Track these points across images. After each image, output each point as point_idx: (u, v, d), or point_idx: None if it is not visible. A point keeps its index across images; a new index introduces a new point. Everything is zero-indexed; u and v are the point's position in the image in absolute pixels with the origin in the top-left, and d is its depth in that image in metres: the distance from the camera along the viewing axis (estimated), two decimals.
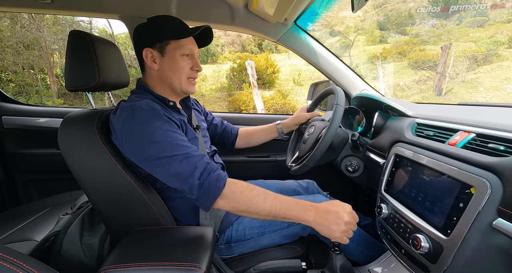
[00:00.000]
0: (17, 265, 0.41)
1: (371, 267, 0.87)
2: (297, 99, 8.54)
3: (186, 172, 0.65)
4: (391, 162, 0.78)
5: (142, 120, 0.68)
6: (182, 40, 0.78)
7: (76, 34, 0.75)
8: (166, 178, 0.67)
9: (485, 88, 8.36)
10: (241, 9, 1.17)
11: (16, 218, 1.02)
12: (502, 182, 0.48)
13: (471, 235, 0.50)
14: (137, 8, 1.13)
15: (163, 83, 0.81)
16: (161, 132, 0.67)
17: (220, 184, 0.66)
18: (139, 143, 0.67)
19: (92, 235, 0.85)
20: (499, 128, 0.57)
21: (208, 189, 0.65)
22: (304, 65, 10.75)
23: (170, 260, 0.58)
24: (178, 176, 0.65)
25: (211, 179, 0.65)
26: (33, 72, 7.43)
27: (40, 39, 6.99)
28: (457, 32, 11.60)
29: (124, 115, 0.69)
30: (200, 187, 0.65)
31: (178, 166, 0.65)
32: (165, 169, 0.66)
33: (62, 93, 7.90)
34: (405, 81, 9.41)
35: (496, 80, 8.44)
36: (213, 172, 0.67)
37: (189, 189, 0.65)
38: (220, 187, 0.65)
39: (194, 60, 0.83)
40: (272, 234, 0.87)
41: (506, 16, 11.79)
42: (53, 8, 1.10)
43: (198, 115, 1.01)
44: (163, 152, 0.66)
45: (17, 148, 1.42)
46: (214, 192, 0.65)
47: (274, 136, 1.19)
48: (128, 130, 0.68)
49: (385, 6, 14.33)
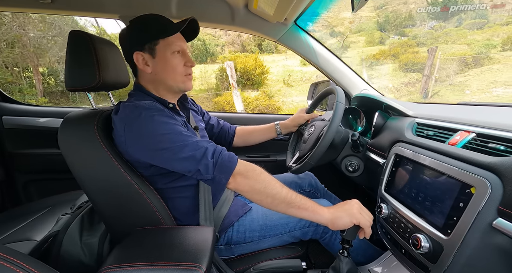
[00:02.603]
0: (17, 264, 0.41)
1: (371, 267, 0.87)
2: (284, 100, 8.62)
3: (199, 153, 0.66)
4: (391, 162, 0.78)
5: (146, 116, 0.68)
6: (170, 38, 0.76)
7: (76, 34, 0.75)
8: (178, 163, 0.67)
9: (471, 91, 8.42)
10: (241, 9, 1.17)
11: (16, 218, 1.02)
12: (502, 182, 0.48)
13: (471, 235, 0.50)
14: (137, 8, 1.13)
15: (159, 84, 0.80)
16: (167, 125, 0.68)
17: (233, 160, 0.68)
18: (146, 138, 0.67)
19: (92, 235, 0.85)
20: (499, 128, 0.57)
21: (223, 166, 0.66)
22: (298, 66, 10.82)
23: (170, 260, 0.58)
24: (191, 158, 0.66)
25: (223, 157, 0.67)
26: (17, 70, 7.35)
27: (21, 37, 6.86)
28: (455, 34, 11.62)
29: (127, 113, 0.69)
30: (215, 165, 0.66)
31: (190, 149, 0.66)
32: (177, 154, 0.66)
33: (48, 91, 7.87)
34: (394, 83, 9.46)
35: (484, 83, 8.49)
36: (224, 151, 0.69)
37: (205, 169, 0.66)
38: (234, 163, 0.67)
39: (186, 56, 0.81)
40: (273, 238, 0.87)
41: (505, 18, 11.78)
42: (53, 8, 1.11)
43: (196, 115, 1.01)
44: (171, 142, 0.67)
45: (17, 148, 1.42)
46: (229, 167, 0.67)
47: (272, 136, 1.19)
48: (133, 128, 0.68)
49: (386, 7, 14.34)
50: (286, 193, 0.68)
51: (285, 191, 0.68)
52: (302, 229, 0.87)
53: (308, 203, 0.69)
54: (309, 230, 0.87)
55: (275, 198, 0.67)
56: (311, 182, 1.17)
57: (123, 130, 0.69)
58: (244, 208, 0.90)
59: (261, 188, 0.67)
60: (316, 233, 0.88)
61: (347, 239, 0.72)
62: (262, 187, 0.67)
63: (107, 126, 0.75)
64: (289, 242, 0.89)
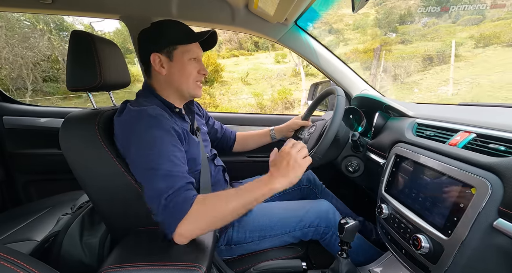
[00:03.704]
0: (18, 265, 0.41)
1: (371, 268, 0.87)
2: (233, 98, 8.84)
3: (162, 189, 0.62)
4: (392, 162, 0.78)
5: (144, 126, 0.67)
6: (189, 45, 0.79)
7: (77, 34, 0.75)
8: (147, 191, 0.64)
9: (419, 90, 8.50)
10: (241, 9, 1.17)
11: (16, 218, 1.02)
12: (503, 182, 0.48)
13: (472, 235, 0.50)
14: (137, 8, 1.13)
15: (171, 87, 0.81)
16: (159, 141, 0.66)
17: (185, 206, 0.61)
18: (134, 148, 0.66)
19: (92, 235, 0.85)
20: (499, 128, 0.57)
21: (174, 210, 0.60)
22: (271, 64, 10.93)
23: (170, 260, 0.58)
24: (156, 191, 0.62)
25: (178, 199, 0.61)
26: None
27: None
28: (444, 30, 11.49)
29: (127, 118, 0.70)
30: (165, 207, 0.61)
31: (159, 181, 0.62)
32: (149, 182, 0.63)
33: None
34: None
35: (436, 82, 8.53)
36: (181, 192, 0.63)
37: (156, 209, 0.62)
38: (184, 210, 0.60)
39: (200, 64, 0.83)
40: (273, 238, 0.87)
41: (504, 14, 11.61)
42: (54, 8, 1.11)
43: (199, 119, 1.01)
44: (151, 162, 0.64)
45: (18, 148, 1.42)
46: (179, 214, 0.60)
47: (267, 141, 1.21)
48: (128, 133, 0.68)
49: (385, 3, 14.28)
50: (232, 208, 0.62)
51: (231, 207, 0.62)
52: (302, 229, 0.87)
53: (255, 192, 0.63)
54: (309, 231, 0.87)
55: (226, 219, 0.63)
56: (310, 178, 1.18)
57: (121, 134, 0.70)
58: None
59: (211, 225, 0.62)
60: (316, 233, 0.88)
61: (346, 240, 0.72)
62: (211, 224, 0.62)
63: (108, 126, 0.75)
64: (289, 243, 0.89)
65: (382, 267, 0.86)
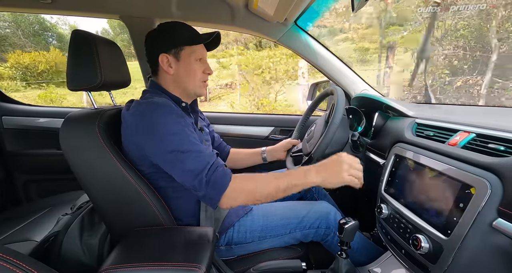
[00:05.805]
0: (17, 265, 0.41)
1: (371, 267, 0.87)
2: None
3: (199, 167, 0.67)
4: (391, 162, 0.78)
5: (159, 113, 0.70)
6: (195, 46, 0.83)
7: (78, 33, 0.75)
8: (179, 174, 0.69)
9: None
10: (241, 9, 1.17)
11: (16, 218, 1.02)
12: (502, 182, 0.48)
13: (471, 235, 0.50)
14: (137, 8, 1.13)
15: (178, 85, 0.84)
16: (177, 126, 0.70)
17: (225, 179, 0.68)
18: (156, 135, 0.69)
19: (92, 235, 0.85)
20: (499, 129, 0.57)
21: (215, 183, 0.67)
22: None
23: (170, 260, 0.58)
24: (189, 173, 0.67)
25: (217, 174, 0.68)
26: None
27: None
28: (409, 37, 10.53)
29: (141, 109, 0.71)
30: (208, 182, 0.67)
31: (192, 160, 0.67)
32: (178, 165, 0.68)
33: None
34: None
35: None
36: (220, 167, 0.70)
37: (199, 185, 0.67)
38: (226, 182, 0.68)
39: (206, 64, 0.87)
40: (274, 238, 0.87)
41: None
42: (54, 8, 1.11)
43: (202, 121, 1.03)
44: (177, 146, 0.68)
45: (17, 148, 1.42)
46: (221, 186, 0.67)
47: (258, 161, 1.17)
48: (146, 123, 0.70)
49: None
50: (274, 187, 0.69)
51: (273, 186, 0.69)
52: (303, 230, 0.87)
53: (296, 180, 0.70)
54: (309, 232, 0.87)
55: (268, 198, 0.70)
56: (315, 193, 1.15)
57: (135, 125, 0.71)
58: (244, 209, 0.90)
59: (253, 199, 0.70)
60: (317, 235, 0.88)
61: (345, 240, 0.72)
62: (252, 198, 0.70)
63: (109, 125, 0.75)
64: (289, 244, 0.89)
65: (381, 267, 0.86)
